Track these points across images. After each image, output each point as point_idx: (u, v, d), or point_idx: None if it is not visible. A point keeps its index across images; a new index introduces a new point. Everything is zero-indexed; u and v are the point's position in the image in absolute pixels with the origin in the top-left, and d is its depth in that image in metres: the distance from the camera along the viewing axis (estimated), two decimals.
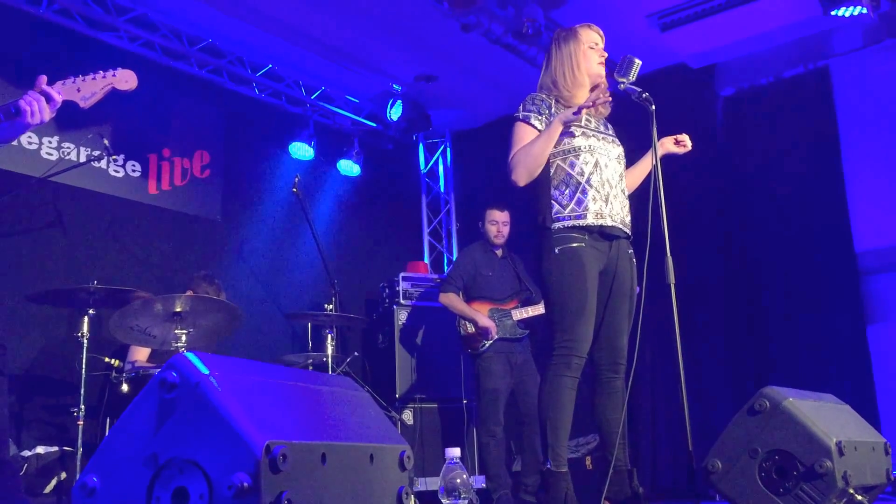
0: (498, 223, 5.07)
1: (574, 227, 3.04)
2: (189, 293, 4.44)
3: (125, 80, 2.84)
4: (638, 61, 3.15)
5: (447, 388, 5.74)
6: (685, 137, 3.36)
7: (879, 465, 2.70)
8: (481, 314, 4.87)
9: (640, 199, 3.24)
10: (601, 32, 3.34)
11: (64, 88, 2.73)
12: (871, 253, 5.40)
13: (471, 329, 4.89)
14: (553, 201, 3.10)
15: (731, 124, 6.05)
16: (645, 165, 3.41)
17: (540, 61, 3.31)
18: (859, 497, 2.40)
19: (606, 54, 3.31)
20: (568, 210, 3.06)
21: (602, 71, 3.27)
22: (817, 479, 2.33)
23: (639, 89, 3.13)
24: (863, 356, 5.21)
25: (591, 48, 3.26)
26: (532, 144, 3.09)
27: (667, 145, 3.34)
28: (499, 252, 5.13)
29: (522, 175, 3.10)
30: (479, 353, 4.87)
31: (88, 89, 2.77)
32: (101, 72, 2.80)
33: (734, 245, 5.87)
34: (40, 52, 4.92)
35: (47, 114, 2.66)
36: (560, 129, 3.08)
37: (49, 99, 2.65)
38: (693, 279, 5.47)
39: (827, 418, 2.52)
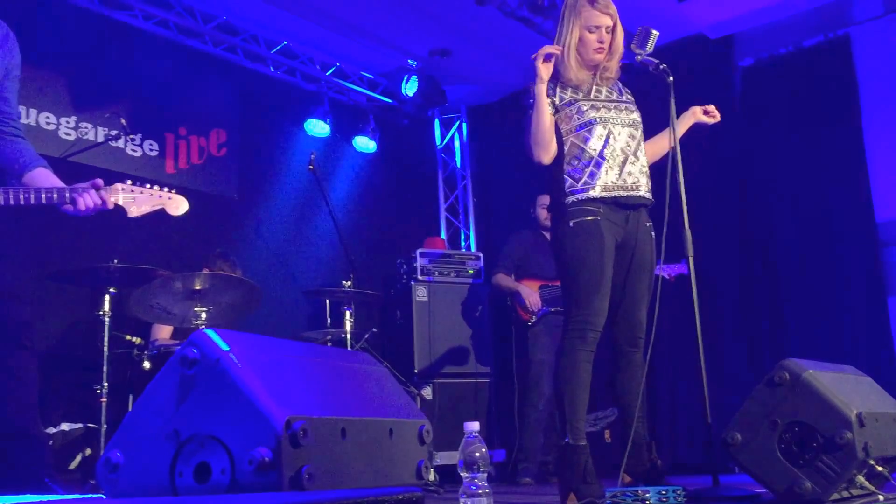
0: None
1: (588, 200, 3.01)
2: (206, 271, 4.47)
3: (176, 206, 2.97)
4: (655, 32, 3.11)
5: (465, 363, 5.78)
6: (713, 108, 3.31)
7: None
8: (523, 286, 5.18)
9: (658, 172, 3.22)
10: (610, 11, 3.08)
11: (121, 196, 2.83)
12: (892, 223, 5.34)
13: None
14: (567, 176, 3.07)
15: (750, 95, 5.98)
16: (665, 142, 3.36)
17: (555, 34, 3.23)
18: (880, 468, 2.39)
19: (609, 37, 3.09)
20: (581, 183, 3.03)
21: (599, 57, 3.09)
22: (838, 451, 2.32)
23: (656, 61, 3.09)
24: (883, 328, 5.18)
25: (590, 31, 3.07)
26: (530, 123, 3.07)
27: (697, 114, 3.29)
28: (549, 235, 5.24)
29: (538, 153, 3.08)
30: (529, 325, 5.13)
31: (142, 203, 2.88)
32: (157, 188, 2.93)
33: (752, 216, 5.82)
34: (53, 31, 4.90)
35: (91, 211, 2.74)
36: (543, 94, 3.02)
37: (104, 203, 2.74)
38: (710, 251, 5.43)
39: (847, 390, 2.50)
